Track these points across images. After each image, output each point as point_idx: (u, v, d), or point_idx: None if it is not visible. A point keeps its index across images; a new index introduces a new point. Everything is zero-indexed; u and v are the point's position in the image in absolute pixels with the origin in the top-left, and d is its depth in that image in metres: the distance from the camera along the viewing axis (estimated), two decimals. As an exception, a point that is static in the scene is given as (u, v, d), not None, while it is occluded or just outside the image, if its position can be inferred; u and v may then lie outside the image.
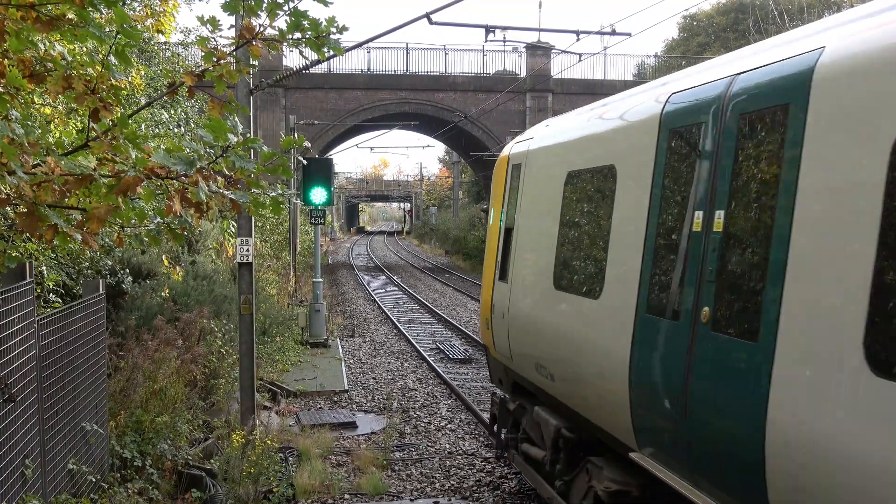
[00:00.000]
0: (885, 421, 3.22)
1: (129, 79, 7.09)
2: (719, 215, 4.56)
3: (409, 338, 19.23)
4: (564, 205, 6.98)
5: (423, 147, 49.62)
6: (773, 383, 3.88)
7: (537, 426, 7.57)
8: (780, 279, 3.93)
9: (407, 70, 37.68)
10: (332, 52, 4.49)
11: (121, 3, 4.23)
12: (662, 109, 5.43)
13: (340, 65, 36.18)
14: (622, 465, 5.81)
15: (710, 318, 4.51)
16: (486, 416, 11.45)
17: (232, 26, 8.77)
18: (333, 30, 4.28)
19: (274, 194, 4.63)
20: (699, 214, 4.76)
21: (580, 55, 16.10)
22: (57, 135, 7.17)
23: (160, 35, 6.91)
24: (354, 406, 12.91)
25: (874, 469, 3.23)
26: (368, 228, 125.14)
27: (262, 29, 4.35)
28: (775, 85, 4.29)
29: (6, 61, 4.55)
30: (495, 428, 9.35)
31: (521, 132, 9.50)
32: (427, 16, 10.40)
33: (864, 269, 3.42)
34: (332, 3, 4.33)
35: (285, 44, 4.38)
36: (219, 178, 4.20)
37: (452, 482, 9.27)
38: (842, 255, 3.59)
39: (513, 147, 8.92)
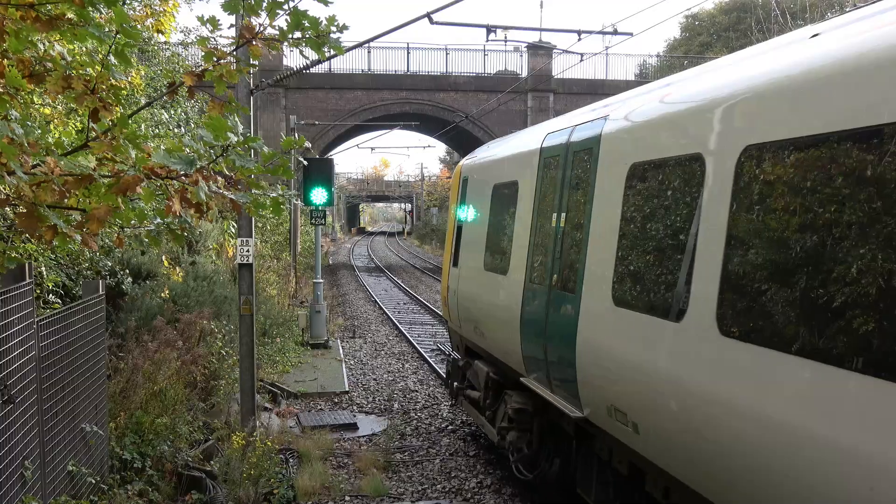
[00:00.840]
0: (621, 330, 5.74)
1: (129, 79, 7.07)
2: (563, 216, 7.08)
3: (410, 339, 19.20)
4: (491, 208, 9.49)
5: (424, 147, 49.55)
6: (580, 317, 6.37)
7: (476, 375, 9.95)
8: (584, 256, 6.45)
9: (408, 70, 37.61)
10: (332, 52, 4.45)
11: (121, 3, 4.20)
12: (541, 143, 7.99)
13: (341, 65, 36.15)
14: (526, 393, 8.11)
15: (556, 282, 7.03)
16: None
17: (232, 26, 8.74)
18: (334, 29, 4.25)
19: (274, 195, 4.61)
20: (555, 216, 7.27)
21: (582, 55, 16.07)
22: (56, 135, 7.13)
23: (160, 35, 6.90)
24: (355, 407, 12.88)
25: (621, 357, 5.73)
26: (369, 229, 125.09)
27: (262, 28, 4.32)
28: (587, 134, 6.84)
29: (6, 61, 4.52)
30: (449, 381, 11.79)
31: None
32: (428, 15, 10.38)
33: (612, 248, 5.92)
34: (332, 3, 4.30)
35: (285, 43, 4.35)
36: (219, 178, 4.17)
37: (454, 483, 9.24)
38: (606, 242, 6.06)
39: (464, 162, 11.58)
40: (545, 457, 7.95)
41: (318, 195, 16.39)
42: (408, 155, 69.22)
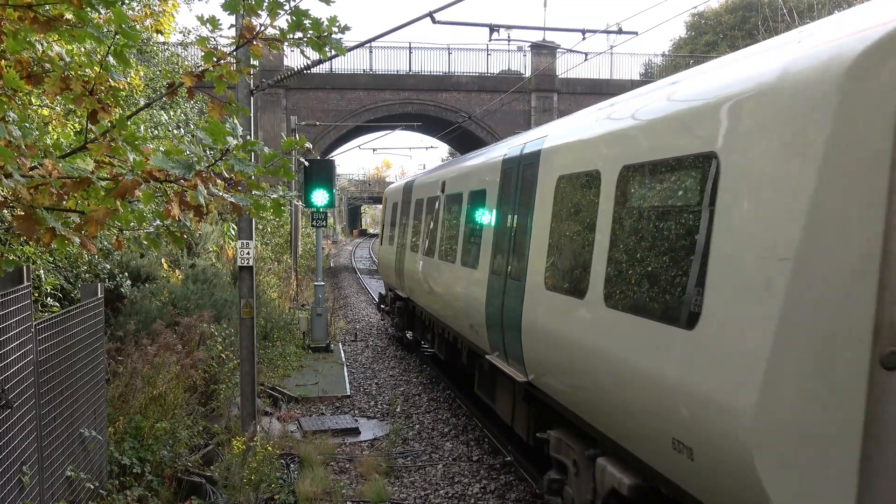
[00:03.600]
0: (410, 260, 15.41)
1: (128, 80, 6.99)
2: (407, 221, 16.11)
3: (412, 341, 19.16)
4: (392, 213, 18.29)
5: (427, 148, 49.60)
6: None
7: (391, 299, 18.79)
8: (408, 231, 15.86)
9: (410, 70, 37.48)
10: (333, 52, 4.39)
11: (119, 4, 4.14)
12: (405, 184, 17.71)
13: (342, 65, 36.04)
14: (403, 302, 16.87)
15: (400, 244, 16.68)
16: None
17: (232, 26, 8.66)
18: (335, 29, 4.19)
19: (275, 196, 4.55)
20: (404, 219, 16.68)
21: (586, 54, 16.04)
22: (55, 137, 7.07)
23: (159, 35, 6.83)
24: (357, 411, 12.79)
25: (409, 272, 15.46)
26: (371, 231, 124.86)
27: (262, 28, 4.26)
28: (397, 190, 18.96)
29: (3, 62, 4.46)
30: (380, 305, 21.81)
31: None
32: (430, 15, 10.31)
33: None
34: (333, 2, 4.24)
35: (286, 43, 4.29)
36: (218, 180, 4.11)
37: (457, 489, 9.15)
38: (405, 225, 16.26)
39: (387, 188, 21.72)
40: (410, 326, 17.07)
41: (320, 197, 16.31)
42: (410, 156, 69.61)
